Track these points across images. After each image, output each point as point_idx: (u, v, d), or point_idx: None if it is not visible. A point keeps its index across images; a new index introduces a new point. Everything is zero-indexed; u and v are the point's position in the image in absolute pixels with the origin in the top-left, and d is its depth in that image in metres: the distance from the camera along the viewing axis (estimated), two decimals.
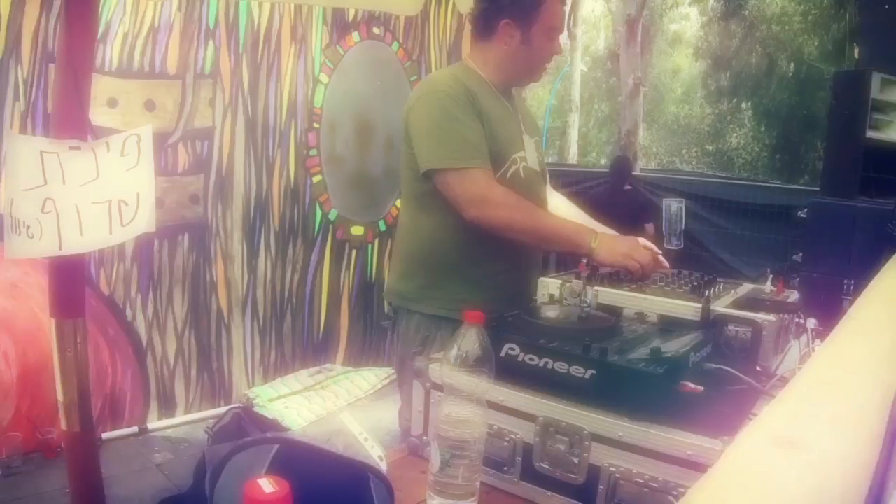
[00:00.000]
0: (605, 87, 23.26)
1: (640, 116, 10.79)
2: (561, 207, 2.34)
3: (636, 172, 8.82)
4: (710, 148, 23.66)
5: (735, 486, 0.47)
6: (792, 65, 19.61)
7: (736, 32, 20.54)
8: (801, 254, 4.87)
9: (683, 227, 7.36)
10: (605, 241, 1.83)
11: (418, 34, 4.51)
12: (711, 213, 7.74)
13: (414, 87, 4.44)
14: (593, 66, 23.57)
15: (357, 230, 4.44)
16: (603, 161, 21.76)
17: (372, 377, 4.44)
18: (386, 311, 2.25)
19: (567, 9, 2.17)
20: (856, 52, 5.47)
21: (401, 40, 4.45)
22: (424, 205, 2.03)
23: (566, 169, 10.60)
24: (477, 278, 2.02)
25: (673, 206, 7.23)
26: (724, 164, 22.05)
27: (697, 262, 7.36)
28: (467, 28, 4.58)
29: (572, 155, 16.42)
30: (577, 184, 7.80)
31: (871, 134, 4.46)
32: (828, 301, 3.68)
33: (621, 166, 7.64)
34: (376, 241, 4.56)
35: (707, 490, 0.47)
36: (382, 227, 4.55)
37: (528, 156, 2.11)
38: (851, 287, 4.11)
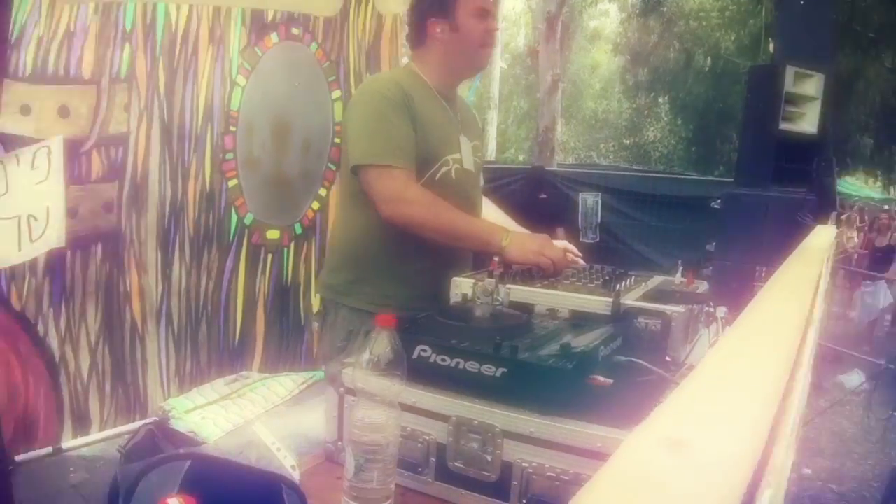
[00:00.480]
0: (524, 83, 23.57)
1: (559, 112, 10.98)
2: (489, 213, 2.39)
3: (553, 168, 8.95)
4: (628, 142, 24.27)
5: (621, 489, 0.48)
6: (709, 59, 20.19)
7: (654, 28, 21.05)
8: (714, 243, 5.00)
9: (599, 220, 7.53)
10: (517, 238, 1.87)
11: (337, 34, 4.46)
12: (627, 206, 7.92)
13: (333, 88, 4.42)
14: (513, 62, 23.84)
15: (273, 234, 4.36)
16: (521, 157, 22.07)
17: (289, 383, 4.37)
18: (318, 307, 2.30)
19: None
20: (771, 47, 5.59)
21: (319, 41, 4.39)
22: (358, 202, 2.07)
23: (486, 166, 10.67)
24: (404, 275, 2.07)
25: (589, 200, 7.39)
26: (641, 158, 22.67)
27: (614, 254, 7.54)
28: (387, 28, 4.59)
29: (490, 152, 16.61)
30: (495, 180, 7.74)
31: (783, 125, 4.55)
32: (740, 288, 3.80)
33: (537, 176, 7.73)
34: (292, 245, 4.47)
35: (594, 493, 0.47)
36: (298, 231, 4.47)
37: (464, 157, 2.17)
38: (763, 274, 4.24)
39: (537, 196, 7.33)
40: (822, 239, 1.90)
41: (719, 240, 4.95)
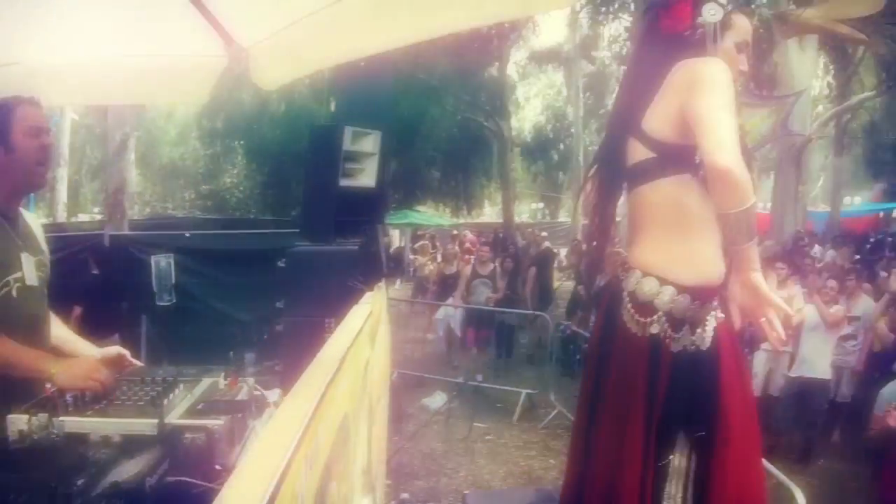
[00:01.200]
0: (98, 132, 22.13)
1: (130, 171, 10.51)
2: (57, 331, 2.43)
3: (124, 231, 8.61)
4: (205, 189, 24.09)
5: None
6: (283, 105, 20.91)
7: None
8: (283, 300, 5.18)
9: (174, 281, 7.46)
10: (65, 366, 2.00)
11: None
12: (201, 265, 7.95)
13: None
14: (86, 112, 22.23)
15: None
16: (97, 210, 20.72)
17: None
18: None
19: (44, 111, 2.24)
20: (332, 106, 5.70)
21: None
22: None
23: (53, 234, 9.85)
24: None
25: (162, 262, 7.30)
26: (219, 205, 22.68)
27: (192, 314, 7.55)
28: None
29: (61, 213, 15.38)
30: (65, 249, 7.16)
31: (344, 182, 4.79)
32: (311, 342, 4.05)
33: (106, 243, 7.43)
34: None
35: None
36: None
37: (27, 275, 2.19)
38: (333, 325, 4.52)
39: (103, 266, 7.02)
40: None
41: (288, 295, 5.10)
